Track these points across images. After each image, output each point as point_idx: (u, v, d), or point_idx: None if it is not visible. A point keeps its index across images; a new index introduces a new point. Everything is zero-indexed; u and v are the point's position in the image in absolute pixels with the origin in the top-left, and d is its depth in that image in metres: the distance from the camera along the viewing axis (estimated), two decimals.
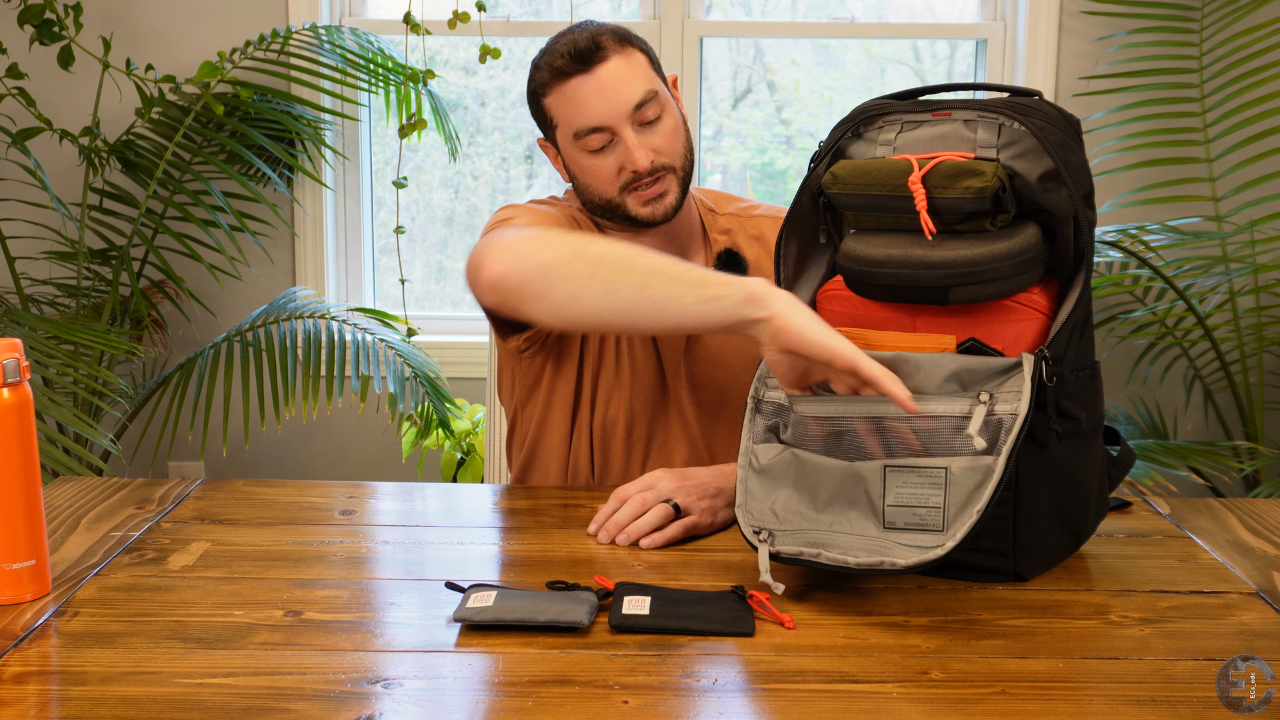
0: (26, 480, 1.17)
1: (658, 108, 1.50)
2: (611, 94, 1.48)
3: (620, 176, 1.51)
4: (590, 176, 1.54)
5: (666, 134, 1.52)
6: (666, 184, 1.52)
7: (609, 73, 1.49)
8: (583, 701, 0.99)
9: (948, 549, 1.12)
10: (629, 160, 1.49)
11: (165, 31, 3.08)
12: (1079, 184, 1.19)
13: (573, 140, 1.52)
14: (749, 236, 1.65)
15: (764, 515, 1.23)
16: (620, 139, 1.50)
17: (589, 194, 1.56)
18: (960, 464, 1.15)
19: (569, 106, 1.50)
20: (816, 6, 3.25)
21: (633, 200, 1.52)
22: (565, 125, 1.52)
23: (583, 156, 1.53)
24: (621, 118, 1.49)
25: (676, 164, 1.53)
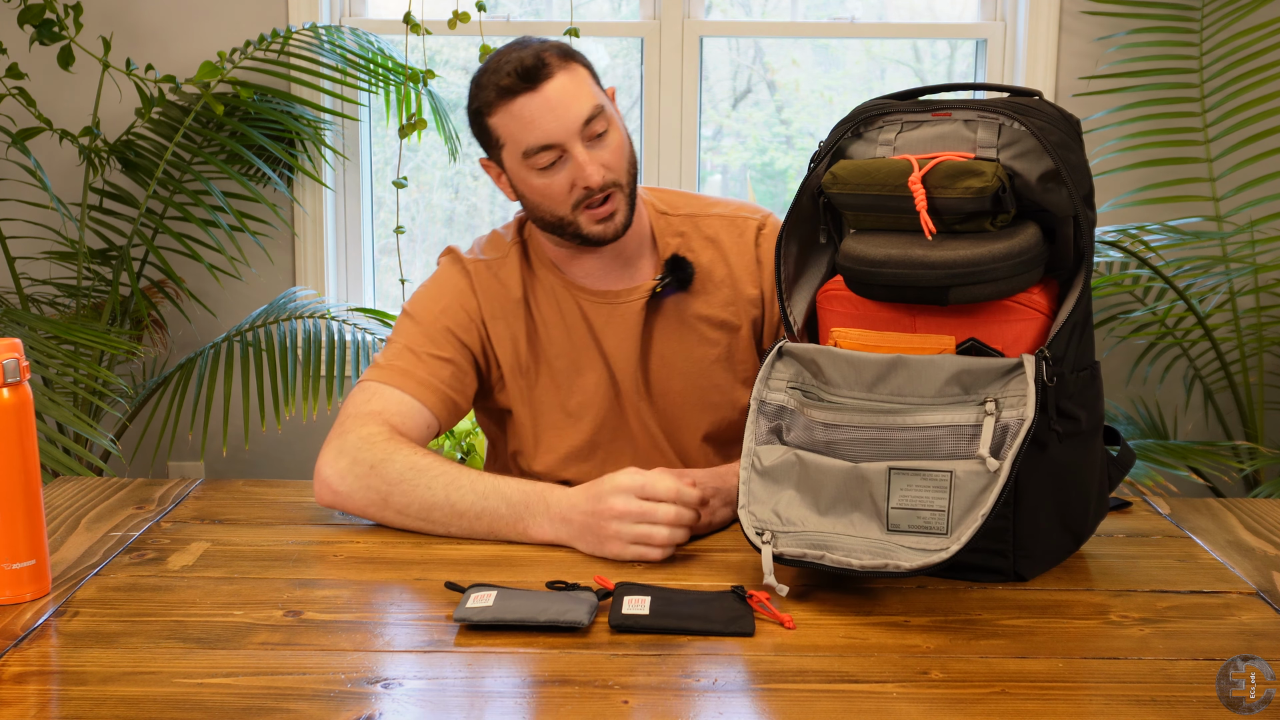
0: (26, 480, 1.17)
1: (605, 122, 1.49)
2: (560, 111, 1.46)
3: (572, 194, 1.49)
4: (540, 195, 1.51)
5: (614, 149, 1.50)
6: (616, 203, 1.50)
7: (556, 89, 1.46)
8: (583, 701, 0.99)
9: (952, 552, 1.12)
10: (580, 176, 1.47)
11: (165, 31, 3.08)
12: (1079, 184, 1.19)
13: (521, 159, 1.49)
14: (703, 239, 1.62)
15: (767, 516, 1.23)
16: (570, 156, 1.47)
17: (539, 213, 1.53)
18: (965, 468, 1.15)
19: (517, 125, 1.48)
20: (816, 6, 3.25)
21: (585, 219, 1.50)
22: (513, 144, 1.49)
23: (532, 175, 1.50)
24: (571, 134, 1.46)
25: (624, 180, 1.51)
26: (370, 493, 1.40)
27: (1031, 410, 1.14)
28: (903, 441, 1.19)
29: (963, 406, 1.18)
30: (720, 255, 1.61)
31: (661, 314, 1.59)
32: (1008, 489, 1.13)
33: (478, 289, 1.58)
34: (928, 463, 1.17)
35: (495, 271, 1.59)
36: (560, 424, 1.59)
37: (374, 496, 1.40)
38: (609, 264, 1.58)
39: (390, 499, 1.39)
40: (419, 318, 1.57)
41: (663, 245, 1.61)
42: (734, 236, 1.61)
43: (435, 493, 1.37)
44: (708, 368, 1.59)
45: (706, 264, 1.60)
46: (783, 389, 1.28)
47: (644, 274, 1.60)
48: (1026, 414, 1.15)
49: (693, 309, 1.59)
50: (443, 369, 1.53)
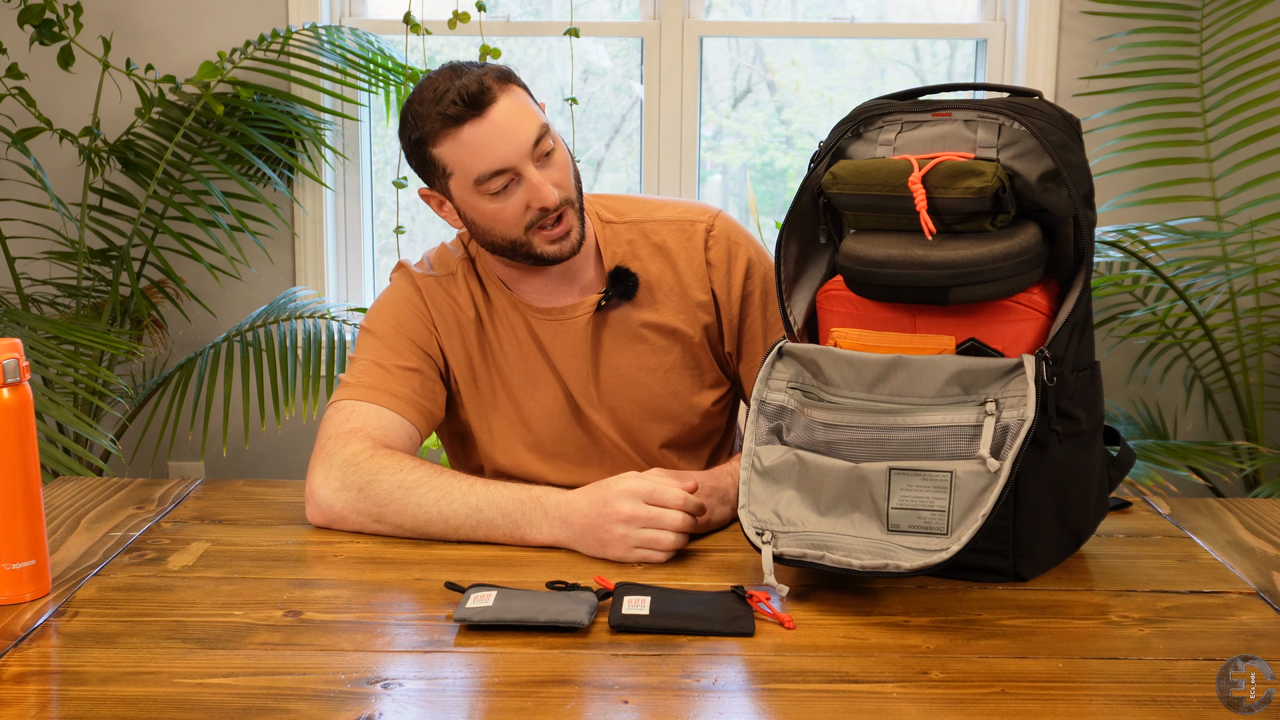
0: (26, 480, 1.17)
1: (550, 141, 1.47)
2: (509, 135, 1.43)
3: (527, 215, 1.47)
4: (492, 220, 1.48)
5: (562, 167, 1.48)
6: (569, 221, 1.49)
7: (502, 114, 1.43)
8: (583, 701, 0.99)
9: (952, 553, 1.12)
10: (536, 198, 1.45)
11: (165, 31, 3.08)
12: (1079, 184, 1.19)
13: (473, 187, 1.46)
14: (651, 246, 1.59)
15: (767, 517, 1.23)
16: (523, 178, 1.45)
17: (490, 237, 1.51)
18: (965, 468, 1.15)
19: (465, 153, 1.45)
20: (816, 6, 3.25)
21: (539, 239, 1.48)
22: (462, 173, 1.46)
23: (483, 201, 1.47)
24: (522, 156, 1.44)
25: (573, 195, 1.50)
26: (363, 516, 1.40)
27: (1032, 410, 1.14)
28: (903, 442, 1.19)
29: (963, 407, 1.18)
30: (668, 262, 1.58)
31: (609, 326, 1.57)
32: (1008, 489, 1.13)
33: (429, 303, 1.57)
34: (928, 463, 1.17)
35: (445, 288, 1.58)
36: (521, 437, 1.58)
37: (367, 518, 1.40)
38: (555, 281, 1.57)
39: (384, 518, 1.39)
40: (379, 332, 1.55)
41: (608, 256, 1.58)
42: (682, 241, 1.58)
43: (427, 509, 1.37)
44: (663, 376, 1.58)
45: (655, 272, 1.58)
46: (783, 389, 1.28)
47: (590, 287, 1.58)
48: (1027, 414, 1.15)
49: (641, 318, 1.57)
50: (412, 379, 1.52)
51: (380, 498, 1.39)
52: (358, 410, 1.49)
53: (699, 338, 1.58)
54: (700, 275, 1.58)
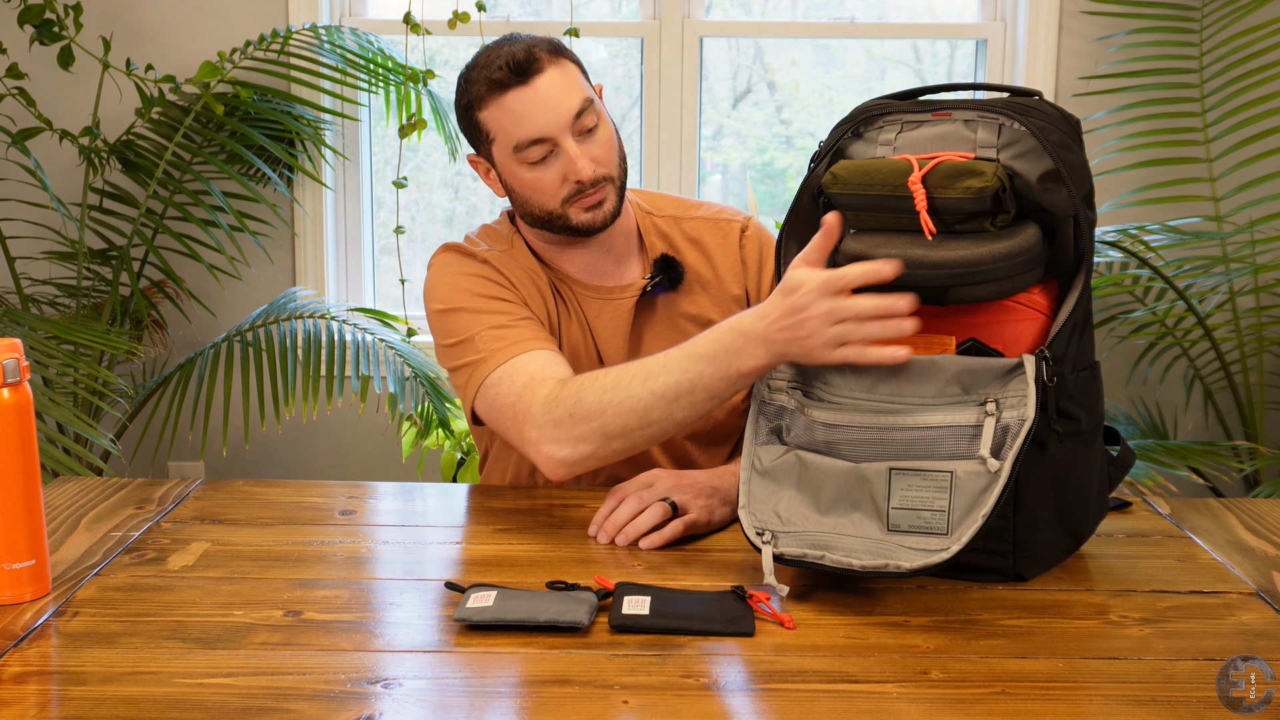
0: (26, 480, 1.17)
1: (594, 116, 1.50)
2: (551, 105, 1.47)
3: (563, 187, 1.50)
4: (531, 189, 1.51)
5: (604, 143, 1.51)
6: (605, 192, 1.51)
7: (546, 83, 1.47)
8: (583, 701, 0.99)
9: (953, 553, 1.12)
10: (572, 170, 1.48)
11: (165, 31, 3.08)
12: (1079, 184, 1.19)
13: (512, 153, 1.50)
14: (686, 239, 1.63)
15: (767, 517, 1.23)
16: (561, 149, 1.48)
17: (529, 207, 1.54)
18: (966, 468, 1.15)
19: (508, 119, 1.48)
20: (816, 6, 3.25)
21: (574, 210, 1.51)
22: (504, 138, 1.50)
23: (523, 170, 1.51)
24: (562, 128, 1.47)
25: (614, 173, 1.52)
26: (587, 441, 1.34)
27: (1032, 410, 1.14)
28: (903, 441, 1.19)
29: (963, 407, 1.18)
30: (704, 256, 1.62)
31: (651, 312, 1.60)
32: (1008, 489, 1.13)
33: (502, 270, 1.56)
34: (928, 463, 1.17)
35: (513, 259, 1.59)
36: None
37: (593, 439, 1.34)
38: (598, 259, 1.59)
39: (607, 429, 1.33)
40: (471, 306, 1.52)
41: (649, 244, 1.62)
42: (718, 238, 1.63)
43: (640, 397, 1.32)
44: None
45: (692, 264, 1.61)
46: (783, 389, 1.28)
47: (633, 272, 1.61)
48: (1027, 414, 1.15)
49: (681, 308, 1.60)
50: (534, 324, 1.50)
51: (592, 411, 1.34)
52: (514, 368, 1.44)
53: None
54: (735, 271, 1.62)
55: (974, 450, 1.16)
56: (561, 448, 1.36)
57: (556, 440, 1.36)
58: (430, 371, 2.72)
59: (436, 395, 2.66)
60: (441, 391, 2.69)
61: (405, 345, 2.77)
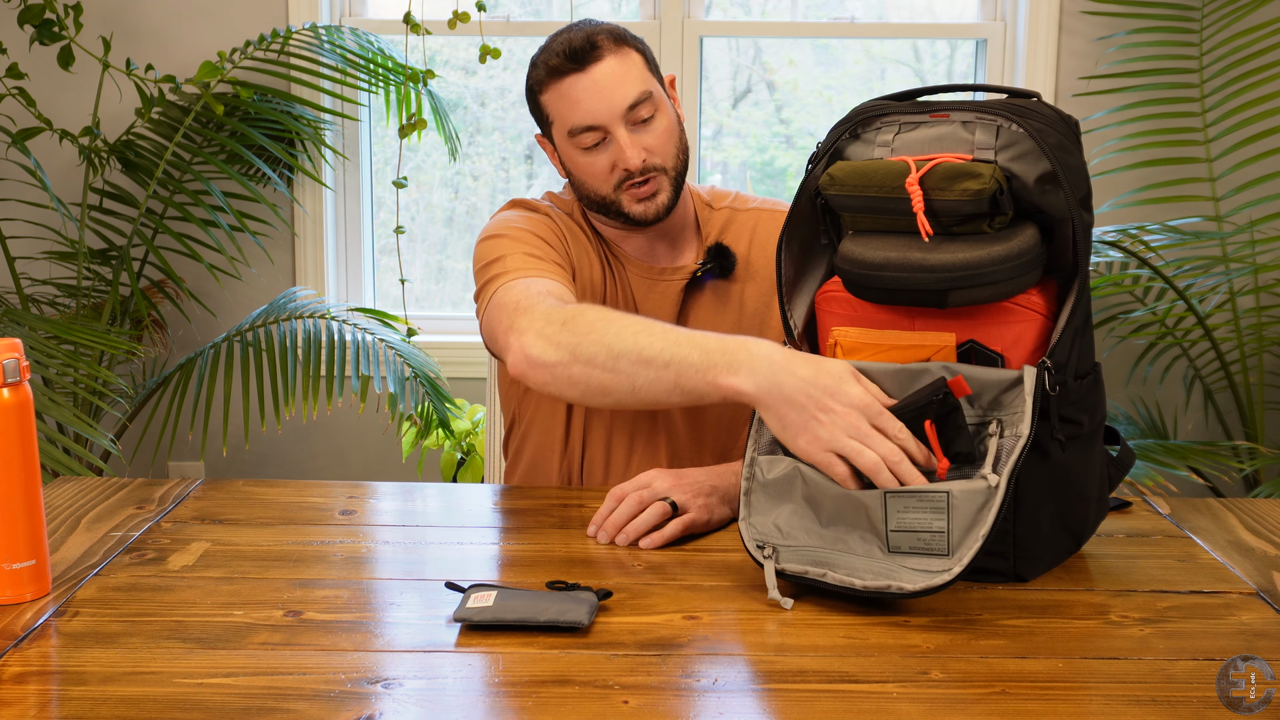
0: (26, 480, 1.17)
1: (651, 108, 1.52)
2: (605, 93, 1.50)
3: (613, 175, 1.53)
4: (585, 174, 1.56)
5: (660, 134, 1.53)
6: (658, 184, 1.54)
7: (603, 72, 1.50)
8: (583, 701, 0.99)
9: (955, 574, 1.12)
10: (621, 159, 1.52)
11: (165, 31, 3.08)
12: (1076, 186, 1.19)
13: (567, 138, 1.54)
14: (741, 230, 1.66)
15: (768, 530, 1.23)
16: (613, 138, 1.52)
17: (584, 190, 1.58)
18: (961, 487, 1.14)
19: (564, 105, 1.52)
20: (816, 6, 3.25)
21: (627, 198, 1.55)
22: (560, 123, 1.54)
23: (577, 154, 1.55)
24: (614, 117, 1.50)
25: (668, 164, 1.55)
26: (560, 349, 1.33)
27: (1027, 427, 1.14)
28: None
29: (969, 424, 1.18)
30: (757, 247, 1.64)
31: (700, 297, 1.63)
32: (1005, 506, 1.13)
33: (560, 224, 1.60)
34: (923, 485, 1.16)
35: (570, 216, 1.63)
36: None
37: (563, 353, 1.32)
38: (653, 244, 1.63)
39: (578, 350, 1.32)
40: (518, 236, 1.54)
41: (706, 233, 1.65)
42: (770, 229, 1.65)
43: (624, 339, 1.30)
44: None
45: (743, 254, 1.64)
46: None
47: (686, 257, 1.65)
48: (1022, 430, 1.15)
49: (730, 296, 1.63)
50: (565, 274, 1.53)
51: (581, 327, 1.33)
52: (535, 282, 1.45)
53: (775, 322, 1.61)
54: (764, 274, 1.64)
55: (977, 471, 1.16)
56: (538, 342, 1.34)
57: (539, 334, 1.35)
58: (430, 371, 2.72)
59: (436, 395, 2.66)
60: (441, 391, 2.69)
61: (405, 345, 2.77)
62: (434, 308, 3.39)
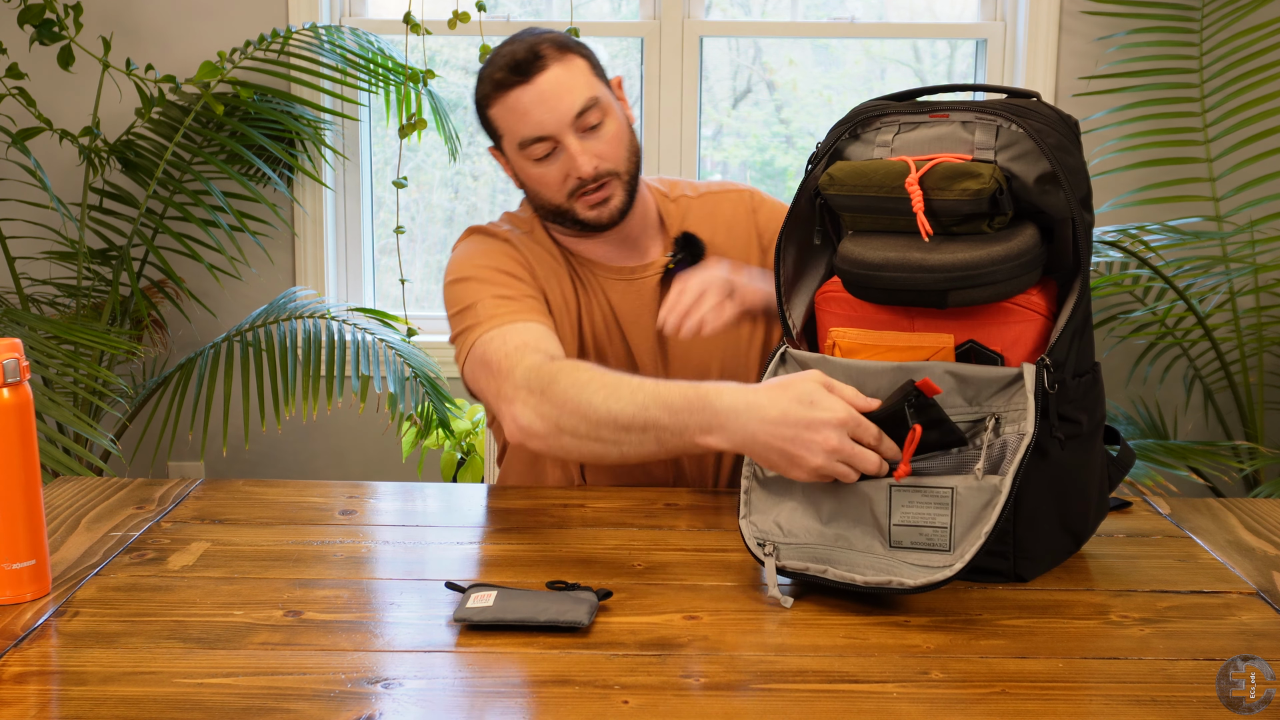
0: (26, 480, 1.17)
1: (599, 113, 1.51)
2: (552, 103, 1.49)
3: (566, 184, 1.52)
4: (538, 185, 1.55)
5: (610, 139, 1.52)
6: (611, 189, 1.53)
7: (549, 82, 1.49)
8: (583, 701, 0.99)
9: (956, 570, 1.12)
10: (573, 168, 1.50)
11: (165, 31, 3.08)
12: (1076, 187, 1.19)
13: (518, 150, 1.53)
14: (701, 216, 1.65)
15: (768, 527, 1.23)
16: (564, 147, 1.50)
17: (539, 200, 1.57)
18: (966, 483, 1.14)
19: (512, 118, 1.51)
20: (816, 6, 3.25)
21: (580, 206, 1.54)
22: (510, 136, 1.53)
23: (529, 165, 1.54)
24: (563, 126, 1.49)
25: (621, 169, 1.54)
26: (545, 421, 1.34)
27: (1031, 425, 1.14)
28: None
29: (964, 421, 1.18)
30: (719, 229, 1.64)
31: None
32: (1009, 505, 1.13)
33: (522, 250, 1.59)
34: (928, 479, 1.16)
35: (531, 239, 1.62)
36: None
37: (549, 425, 1.33)
38: (620, 245, 1.62)
39: (561, 423, 1.33)
40: (483, 277, 1.54)
41: (670, 225, 1.65)
42: (730, 209, 1.65)
43: (596, 408, 1.30)
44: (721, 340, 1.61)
45: (709, 239, 1.63)
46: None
47: (654, 252, 1.64)
48: (1026, 429, 1.14)
49: None
50: (539, 304, 1.53)
51: (558, 398, 1.33)
52: (508, 332, 1.45)
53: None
54: (750, 241, 1.65)
55: (972, 467, 1.16)
56: (525, 413, 1.35)
57: (525, 404, 1.36)
58: (430, 371, 2.72)
59: (436, 395, 2.66)
60: (441, 391, 2.69)
61: (405, 345, 2.77)
62: (434, 308, 3.39)
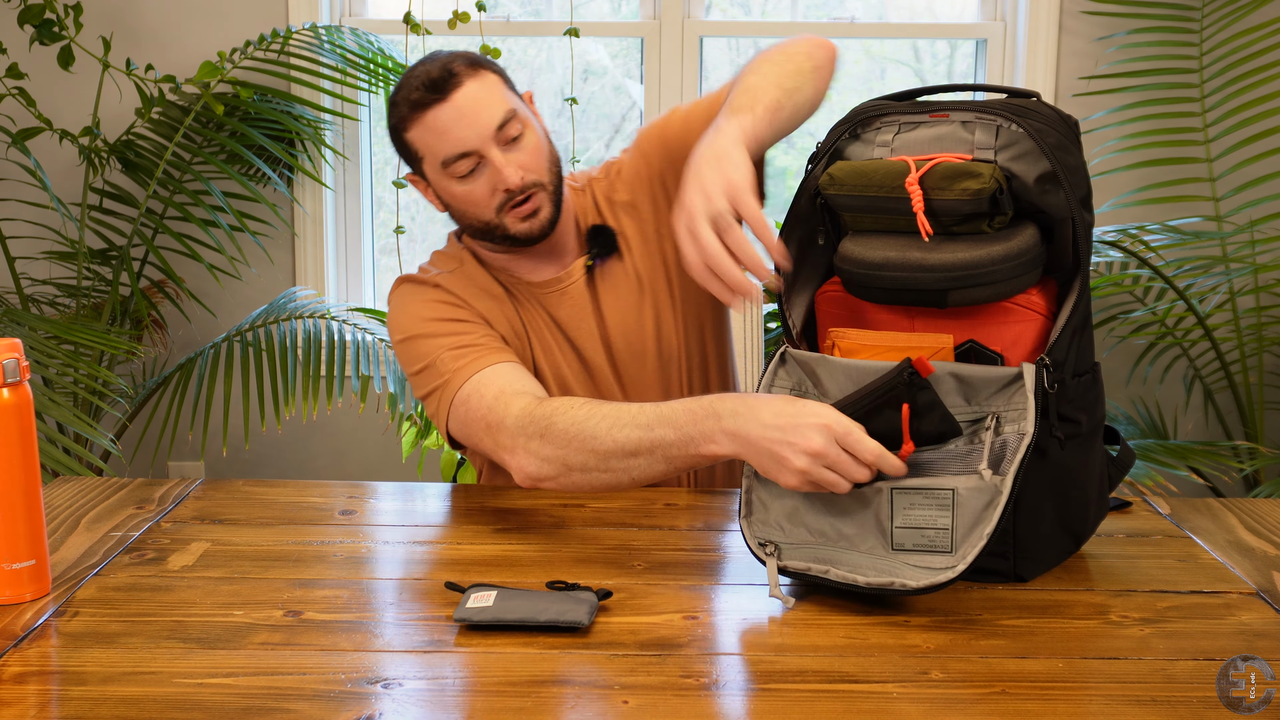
0: (26, 480, 1.17)
1: (519, 125, 1.50)
2: (471, 118, 1.47)
3: (494, 198, 1.50)
4: (464, 203, 1.52)
5: (531, 151, 1.51)
6: (538, 200, 1.51)
7: (466, 98, 1.47)
8: (583, 701, 0.99)
9: (958, 572, 1.12)
10: (500, 180, 1.48)
11: (165, 31, 3.08)
12: (1076, 186, 1.19)
13: (441, 170, 1.51)
14: (606, 202, 1.63)
15: (770, 528, 1.23)
16: (487, 161, 1.48)
17: (466, 220, 1.54)
18: (967, 484, 1.14)
19: (432, 137, 1.49)
20: (816, 6, 3.25)
21: (510, 219, 1.51)
22: (431, 156, 1.51)
23: (453, 184, 1.51)
24: (485, 139, 1.47)
25: (545, 179, 1.52)
26: (551, 464, 1.35)
27: (1031, 424, 1.14)
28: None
29: (963, 420, 1.18)
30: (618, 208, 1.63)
31: (605, 284, 1.61)
32: (1011, 504, 1.13)
33: (456, 292, 1.57)
34: (929, 480, 1.16)
35: (462, 276, 1.59)
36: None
37: (556, 467, 1.35)
38: (547, 257, 1.60)
39: (568, 461, 1.34)
40: (429, 331, 1.53)
41: (583, 222, 1.63)
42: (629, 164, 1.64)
43: (601, 439, 1.31)
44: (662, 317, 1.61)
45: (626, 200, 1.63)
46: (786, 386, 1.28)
47: (573, 254, 1.63)
48: (1026, 428, 1.14)
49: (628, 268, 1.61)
50: (494, 340, 1.52)
51: (559, 438, 1.34)
52: (480, 383, 1.45)
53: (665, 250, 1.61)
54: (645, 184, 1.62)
55: (974, 465, 1.16)
56: (530, 461, 1.37)
57: (527, 452, 1.37)
58: None
59: None
60: None
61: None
62: None
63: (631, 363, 1.61)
